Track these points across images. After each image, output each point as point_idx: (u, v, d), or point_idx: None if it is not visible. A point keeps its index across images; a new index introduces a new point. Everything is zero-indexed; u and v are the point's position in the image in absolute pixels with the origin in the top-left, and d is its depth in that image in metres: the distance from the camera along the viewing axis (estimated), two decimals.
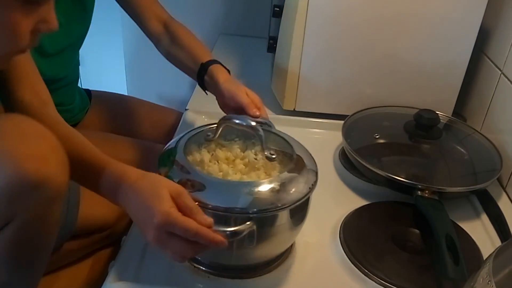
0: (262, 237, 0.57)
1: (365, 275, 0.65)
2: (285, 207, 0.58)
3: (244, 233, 0.54)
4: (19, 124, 0.54)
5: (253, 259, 0.62)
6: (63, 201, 0.58)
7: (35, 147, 0.53)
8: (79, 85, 1.18)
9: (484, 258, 0.68)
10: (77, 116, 1.13)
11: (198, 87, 1.14)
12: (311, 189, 0.61)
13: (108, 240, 0.93)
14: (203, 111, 1.03)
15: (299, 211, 0.61)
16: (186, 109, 1.05)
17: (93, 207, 0.85)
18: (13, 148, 0.51)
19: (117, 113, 1.22)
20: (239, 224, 0.55)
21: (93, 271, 0.84)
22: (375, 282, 0.64)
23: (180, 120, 1.25)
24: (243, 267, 0.63)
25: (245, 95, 0.80)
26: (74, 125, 1.12)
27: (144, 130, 1.23)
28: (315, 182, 0.62)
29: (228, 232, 0.53)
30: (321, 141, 0.98)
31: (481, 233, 0.75)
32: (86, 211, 0.83)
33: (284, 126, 0.99)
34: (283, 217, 0.59)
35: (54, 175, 0.53)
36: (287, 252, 0.68)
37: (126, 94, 1.48)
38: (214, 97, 1.12)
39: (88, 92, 1.21)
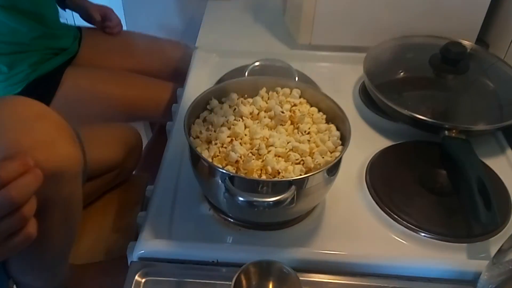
0: (300, 197, 0.56)
1: (393, 220, 0.65)
2: (324, 168, 0.56)
3: (288, 199, 0.53)
4: (16, 108, 0.49)
5: (287, 216, 0.62)
6: (81, 175, 0.55)
7: (38, 132, 0.48)
8: (71, 23, 1.13)
9: None
10: (71, 48, 1.08)
11: (204, 23, 1.08)
12: (346, 145, 0.59)
13: (120, 178, 0.92)
14: (213, 48, 0.98)
15: (336, 167, 0.60)
16: (195, 47, 0.99)
17: (98, 151, 0.84)
18: (17, 139, 0.47)
19: (114, 47, 1.17)
20: (282, 191, 0.53)
21: (117, 217, 0.85)
22: (404, 226, 0.65)
23: (186, 54, 1.20)
24: (275, 223, 0.63)
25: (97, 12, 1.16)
26: (70, 60, 1.09)
27: (147, 64, 1.18)
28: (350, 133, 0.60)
29: (271, 202, 0.52)
30: (339, 76, 0.94)
31: (507, 170, 0.75)
32: (93, 156, 0.80)
33: (299, 61, 0.95)
34: (322, 175, 0.58)
35: (66, 156, 0.50)
36: None
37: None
38: (224, 33, 1.07)
39: (78, 27, 1.15)
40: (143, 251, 0.60)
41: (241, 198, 0.52)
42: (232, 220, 0.64)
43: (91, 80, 1.06)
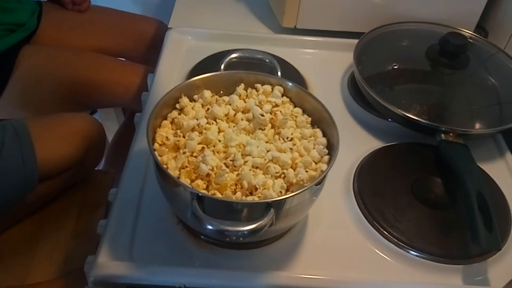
0: (280, 218, 0.48)
1: (383, 236, 0.59)
2: (308, 186, 0.49)
3: (266, 227, 0.45)
4: None
5: (263, 235, 0.54)
6: None
7: None
8: None
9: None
10: (29, 24, 0.97)
11: (179, 1, 0.97)
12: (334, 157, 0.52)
13: (79, 176, 0.83)
14: (188, 30, 0.88)
15: (321, 182, 0.52)
16: (168, 28, 0.89)
17: (52, 149, 0.75)
18: None
19: (79, 23, 1.05)
20: (259, 215, 0.46)
21: (78, 221, 0.76)
22: (394, 244, 0.58)
23: (161, 32, 1.09)
24: (251, 242, 0.56)
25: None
26: (28, 38, 0.97)
27: (116, 43, 1.07)
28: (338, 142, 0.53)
29: (245, 232, 0.44)
30: (326, 65, 0.86)
31: (506, 177, 0.68)
32: (45, 154, 0.73)
33: (283, 47, 0.87)
34: (306, 193, 0.50)
35: None
36: None
37: None
38: (200, 13, 0.98)
39: (36, 1, 1.03)
40: (99, 275, 0.52)
41: (210, 227, 0.44)
42: (202, 237, 0.57)
43: (51, 61, 0.94)
